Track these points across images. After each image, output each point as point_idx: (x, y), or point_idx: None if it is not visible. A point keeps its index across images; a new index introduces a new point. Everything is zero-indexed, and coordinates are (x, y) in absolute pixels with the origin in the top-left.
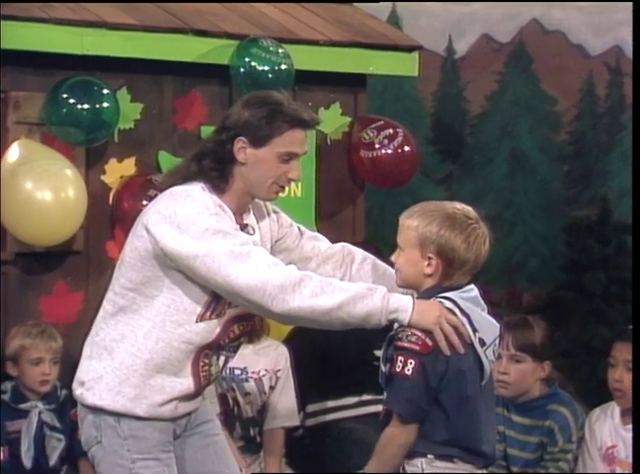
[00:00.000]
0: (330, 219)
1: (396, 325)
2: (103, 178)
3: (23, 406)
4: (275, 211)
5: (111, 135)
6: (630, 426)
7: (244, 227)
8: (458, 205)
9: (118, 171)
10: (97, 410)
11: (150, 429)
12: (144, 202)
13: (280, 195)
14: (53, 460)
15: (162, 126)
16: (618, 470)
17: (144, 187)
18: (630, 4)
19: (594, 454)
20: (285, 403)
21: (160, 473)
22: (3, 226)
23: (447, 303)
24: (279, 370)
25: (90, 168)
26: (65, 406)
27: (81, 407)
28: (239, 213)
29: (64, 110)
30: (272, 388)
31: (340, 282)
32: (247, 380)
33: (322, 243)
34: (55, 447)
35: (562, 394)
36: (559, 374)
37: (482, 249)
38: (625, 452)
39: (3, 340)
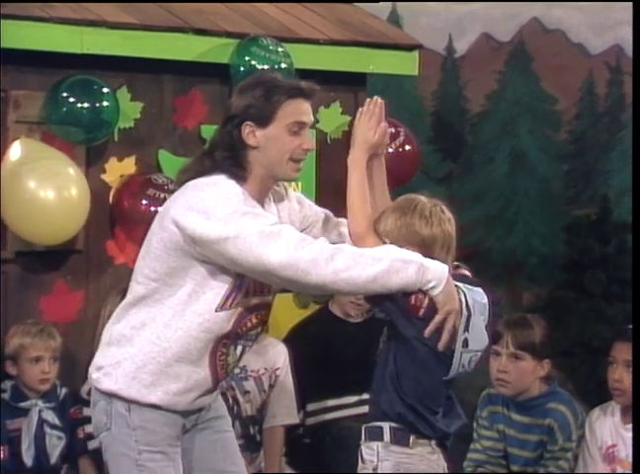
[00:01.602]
0: None
1: None
2: (103, 177)
3: (23, 404)
4: (299, 202)
5: (111, 134)
6: (630, 425)
7: None
8: (400, 199)
9: (118, 170)
10: (110, 396)
11: (160, 422)
12: (144, 202)
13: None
14: (54, 458)
15: (162, 125)
16: (619, 469)
17: (144, 186)
18: (630, 3)
19: (594, 454)
20: (285, 401)
21: (165, 467)
22: (5, 225)
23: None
24: (278, 369)
25: (90, 167)
26: (65, 404)
27: (95, 391)
28: (260, 203)
29: (64, 109)
30: (271, 386)
31: (373, 252)
32: (246, 379)
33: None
34: (56, 446)
35: (561, 392)
36: (559, 373)
37: (443, 218)
38: (625, 452)
39: (3, 338)
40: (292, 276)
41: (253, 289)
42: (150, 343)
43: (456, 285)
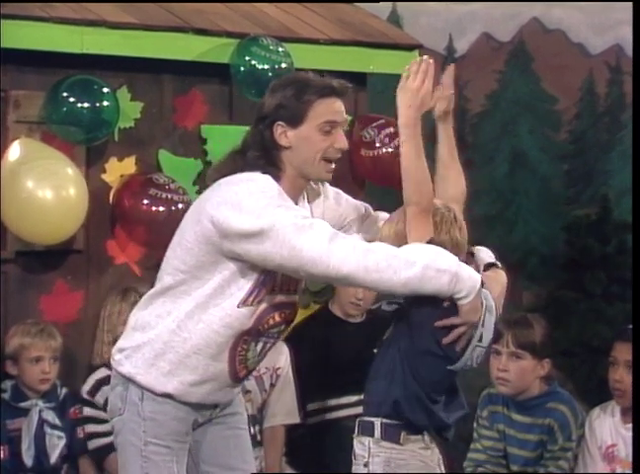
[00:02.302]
0: None
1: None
2: (103, 177)
3: (23, 404)
4: (336, 199)
5: (111, 134)
6: (630, 425)
7: None
8: None
9: (118, 170)
10: (128, 380)
11: (170, 415)
12: (146, 201)
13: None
14: (54, 458)
15: (162, 125)
16: (619, 469)
17: (144, 185)
18: (630, 3)
19: (594, 453)
20: (286, 400)
21: (168, 462)
22: (4, 225)
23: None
24: (279, 368)
25: (90, 167)
26: (65, 404)
27: (115, 375)
28: (294, 201)
29: (64, 108)
30: (272, 386)
31: (407, 254)
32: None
33: None
34: (56, 445)
35: (562, 392)
36: (559, 373)
37: (453, 225)
38: (625, 451)
39: (3, 338)
40: (323, 270)
41: (280, 287)
42: (170, 331)
43: None
